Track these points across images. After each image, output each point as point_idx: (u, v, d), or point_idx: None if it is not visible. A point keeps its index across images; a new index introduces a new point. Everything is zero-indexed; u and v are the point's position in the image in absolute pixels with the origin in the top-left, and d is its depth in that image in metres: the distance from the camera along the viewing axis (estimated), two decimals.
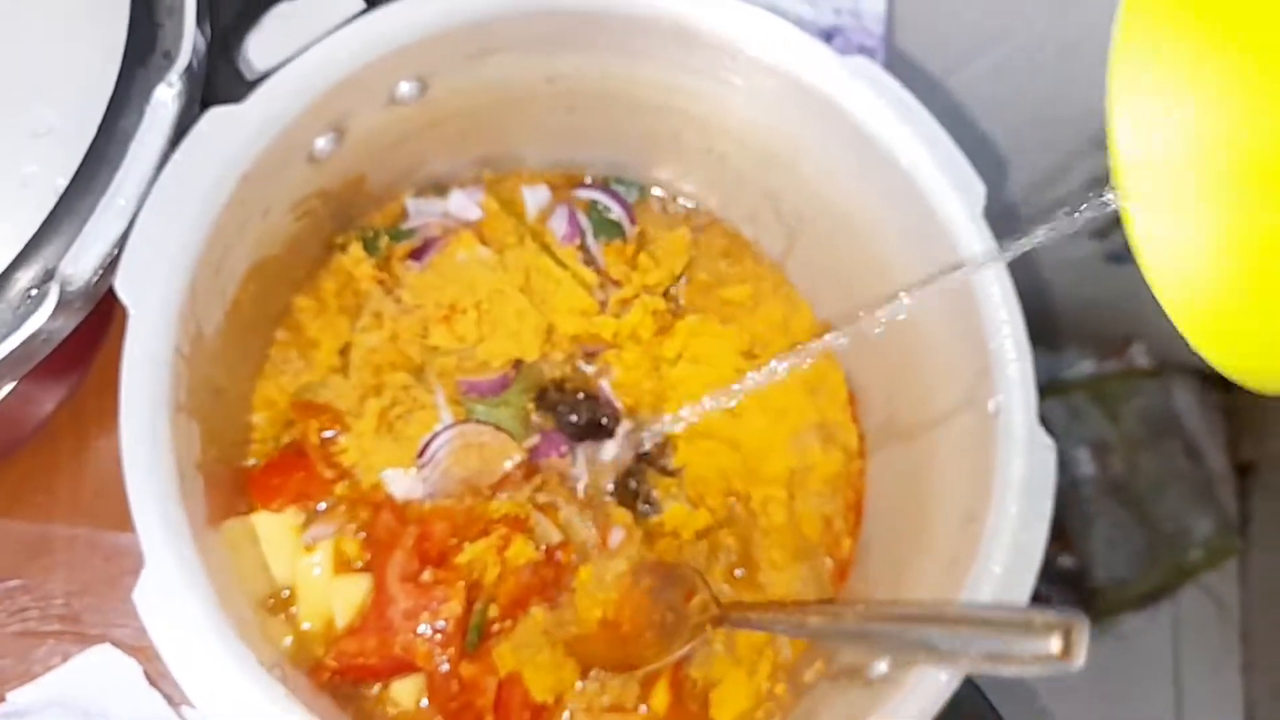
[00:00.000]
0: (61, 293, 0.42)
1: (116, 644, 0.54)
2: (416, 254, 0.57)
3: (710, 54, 0.51)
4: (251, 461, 0.53)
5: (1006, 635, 0.38)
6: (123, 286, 0.41)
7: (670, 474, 0.56)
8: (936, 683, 0.42)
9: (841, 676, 0.49)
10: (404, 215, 0.58)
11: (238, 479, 0.52)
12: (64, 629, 0.54)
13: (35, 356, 0.44)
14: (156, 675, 0.53)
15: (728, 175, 0.59)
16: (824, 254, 0.58)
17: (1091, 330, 1.22)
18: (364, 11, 0.48)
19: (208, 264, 0.43)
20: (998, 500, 0.45)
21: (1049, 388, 1.05)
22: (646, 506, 0.55)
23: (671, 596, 0.52)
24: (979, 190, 0.49)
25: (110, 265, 0.43)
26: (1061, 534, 1.17)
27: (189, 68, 0.46)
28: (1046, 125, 0.89)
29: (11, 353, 0.42)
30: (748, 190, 0.59)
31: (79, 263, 0.43)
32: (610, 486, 0.55)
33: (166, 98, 0.45)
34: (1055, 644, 0.36)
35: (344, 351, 0.55)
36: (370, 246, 0.56)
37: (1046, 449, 0.45)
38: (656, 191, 0.62)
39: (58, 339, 0.44)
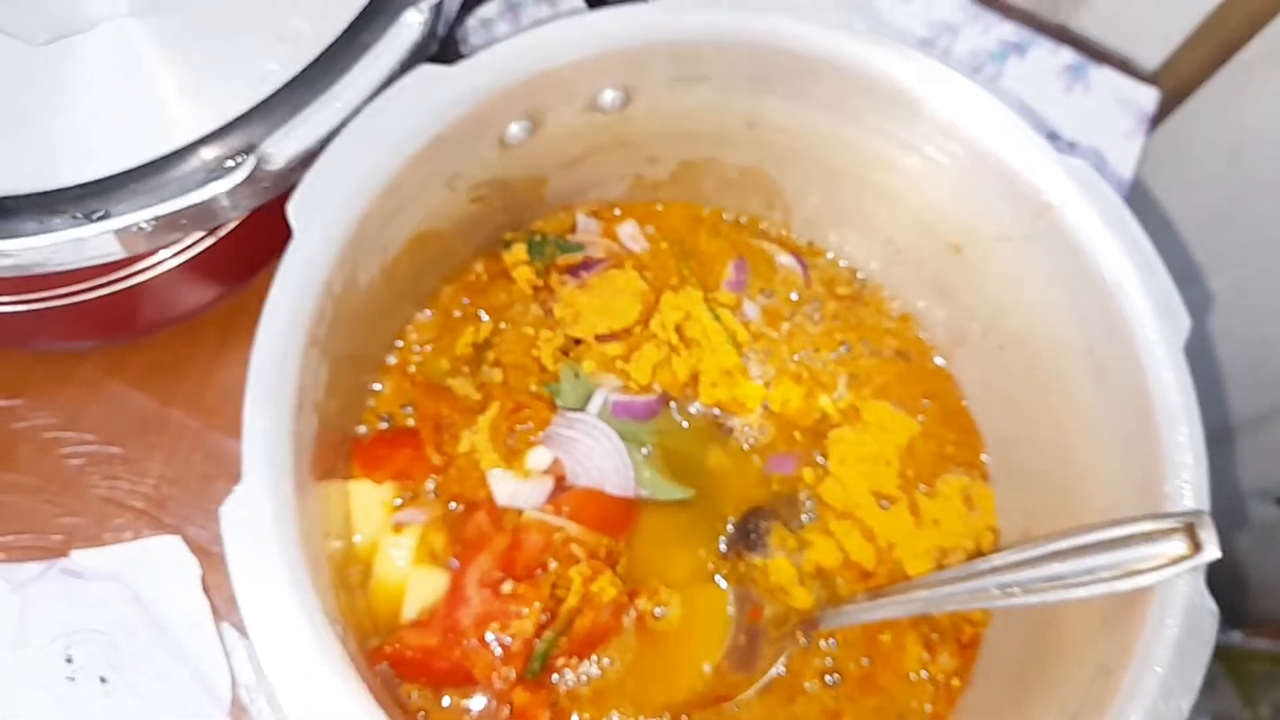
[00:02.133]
0: (256, 167, 0.43)
1: (187, 540, 0.53)
2: (576, 269, 0.56)
3: (923, 127, 0.49)
4: (362, 429, 0.52)
5: (1132, 548, 0.40)
6: (294, 209, 0.41)
7: (792, 530, 0.53)
8: None
9: None
10: (573, 228, 0.58)
11: (345, 442, 0.51)
12: (145, 508, 0.54)
13: (211, 220, 0.45)
14: (212, 584, 0.52)
15: (906, 260, 0.57)
16: (993, 362, 0.54)
17: (1247, 598, 1.11)
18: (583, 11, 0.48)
19: (379, 212, 0.43)
20: (1141, 658, 0.40)
21: None
22: (754, 538, 0.52)
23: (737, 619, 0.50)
24: (1184, 324, 0.45)
25: (308, 160, 0.43)
26: None
27: (440, 3, 0.47)
28: (1265, 370, 0.82)
29: (190, 208, 0.43)
30: (924, 279, 0.56)
31: (280, 145, 0.44)
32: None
33: (413, 21, 0.46)
34: (1182, 544, 0.39)
35: (481, 346, 0.54)
36: (535, 250, 0.56)
37: (1209, 614, 0.40)
38: (831, 256, 0.60)
39: (237, 212, 0.45)
